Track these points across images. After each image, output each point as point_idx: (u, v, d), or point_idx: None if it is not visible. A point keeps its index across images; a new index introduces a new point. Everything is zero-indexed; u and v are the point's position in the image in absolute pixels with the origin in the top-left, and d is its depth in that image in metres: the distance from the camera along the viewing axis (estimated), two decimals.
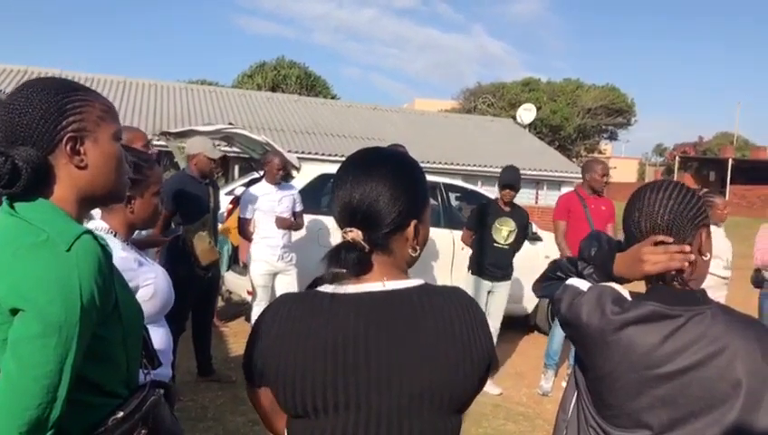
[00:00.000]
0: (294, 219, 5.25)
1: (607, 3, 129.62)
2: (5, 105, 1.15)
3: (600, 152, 38.85)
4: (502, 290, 5.23)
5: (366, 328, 1.09)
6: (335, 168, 1.27)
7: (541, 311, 6.74)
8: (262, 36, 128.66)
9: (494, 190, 5.61)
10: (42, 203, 1.15)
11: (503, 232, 5.11)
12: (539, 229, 6.83)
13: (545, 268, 1.72)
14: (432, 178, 6.67)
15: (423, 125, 21.40)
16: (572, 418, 1.51)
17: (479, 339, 1.14)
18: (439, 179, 6.99)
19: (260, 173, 6.02)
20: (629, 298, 1.39)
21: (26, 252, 1.06)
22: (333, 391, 1.08)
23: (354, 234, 1.13)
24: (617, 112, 36.35)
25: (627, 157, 56.28)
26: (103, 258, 1.13)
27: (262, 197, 5.13)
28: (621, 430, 1.36)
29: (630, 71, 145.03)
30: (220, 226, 5.78)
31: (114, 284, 1.18)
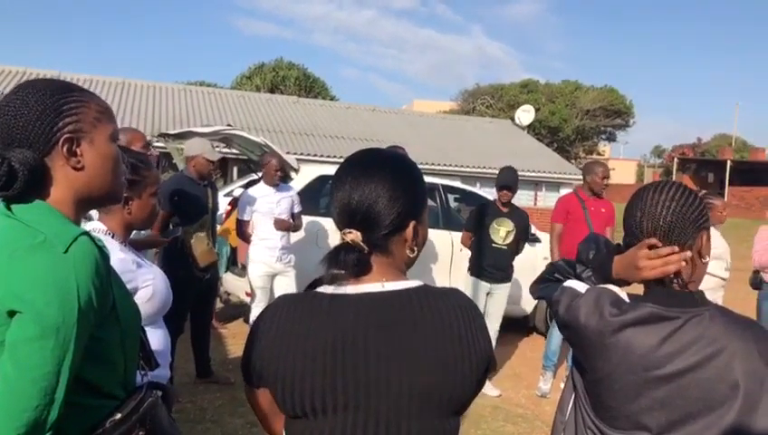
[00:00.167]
0: (293, 221, 5.25)
1: (605, 4, 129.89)
2: (1, 107, 1.15)
3: (599, 154, 38.87)
4: (501, 292, 5.22)
5: (365, 329, 1.09)
6: (334, 169, 1.27)
7: (539, 312, 6.75)
8: (260, 37, 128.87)
9: (493, 192, 5.61)
10: (39, 205, 1.15)
11: (500, 232, 5.11)
12: (537, 231, 6.83)
13: (543, 270, 1.72)
14: (431, 179, 6.68)
15: (422, 126, 21.39)
16: (570, 419, 1.51)
17: (477, 340, 1.14)
18: (438, 181, 7.00)
19: (258, 175, 6.02)
20: (627, 300, 1.39)
21: (23, 254, 1.06)
22: (332, 392, 1.07)
23: (353, 235, 1.13)
24: (615, 114, 36.39)
25: (625, 158, 56.37)
26: (101, 260, 1.13)
27: (260, 198, 5.13)
28: (619, 432, 1.36)
29: (629, 72, 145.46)
30: (219, 227, 5.78)
31: (111, 285, 1.18)
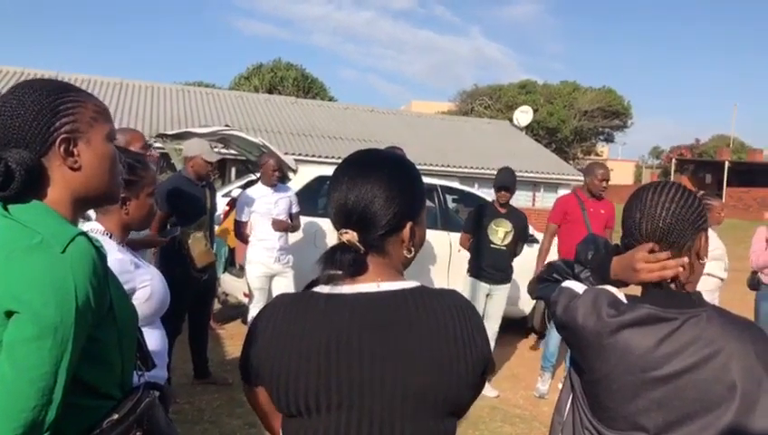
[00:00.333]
0: (291, 221, 5.24)
1: (603, 6, 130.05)
2: None
3: (597, 154, 38.87)
4: (501, 293, 5.22)
5: (359, 329, 1.09)
6: (332, 170, 1.27)
7: (538, 313, 6.75)
8: (259, 38, 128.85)
9: (491, 192, 5.61)
10: (36, 205, 1.15)
11: (498, 233, 5.11)
12: (536, 232, 6.83)
13: (541, 270, 1.72)
14: (429, 179, 6.68)
15: (420, 127, 21.40)
16: (568, 420, 1.51)
17: (474, 341, 1.13)
18: (436, 181, 7.00)
19: (257, 175, 6.02)
20: (625, 301, 1.39)
21: (21, 254, 1.05)
22: (326, 391, 1.08)
23: (349, 235, 1.13)
24: (613, 115, 36.42)
25: (623, 159, 56.42)
26: (98, 260, 1.13)
27: (258, 199, 5.12)
28: (617, 433, 1.36)
29: (627, 73, 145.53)
30: (217, 228, 5.77)
31: (109, 285, 1.17)
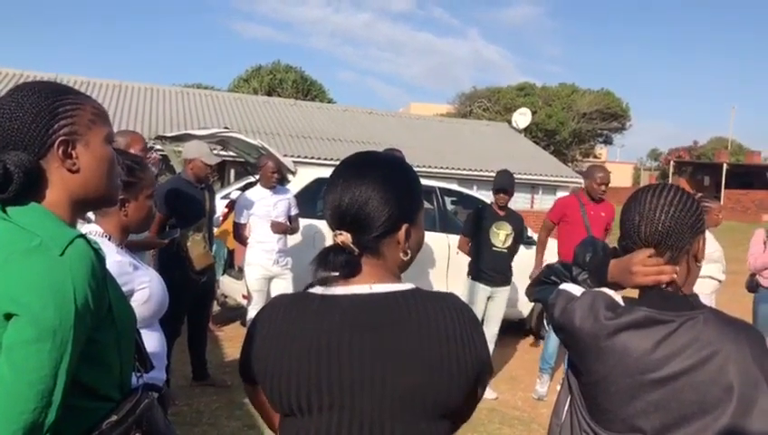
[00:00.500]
0: (290, 223, 5.24)
1: (602, 8, 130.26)
2: None
3: (596, 157, 38.82)
4: (501, 296, 5.22)
5: (350, 330, 1.10)
6: (331, 172, 1.28)
7: (536, 315, 6.75)
8: (258, 40, 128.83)
9: (490, 195, 5.61)
10: (34, 207, 1.15)
11: (500, 236, 5.11)
12: (534, 234, 6.84)
13: (539, 272, 1.73)
14: (427, 182, 6.68)
15: (419, 129, 21.41)
16: (566, 422, 1.51)
17: (470, 345, 1.12)
18: (435, 183, 7.02)
19: (256, 177, 6.02)
20: (622, 304, 1.40)
21: (19, 257, 1.05)
22: (317, 392, 1.09)
23: (343, 237, 1.13)
24: (612, 117, 36.37)
25: (622, 161, 56.33)
26: (96, 262, 1.13)
27: (257, 201, 5.12)
28: None
29: (625, 75, 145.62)
30: (216, 230, 5.77)
31: (107, 287, 1.18)
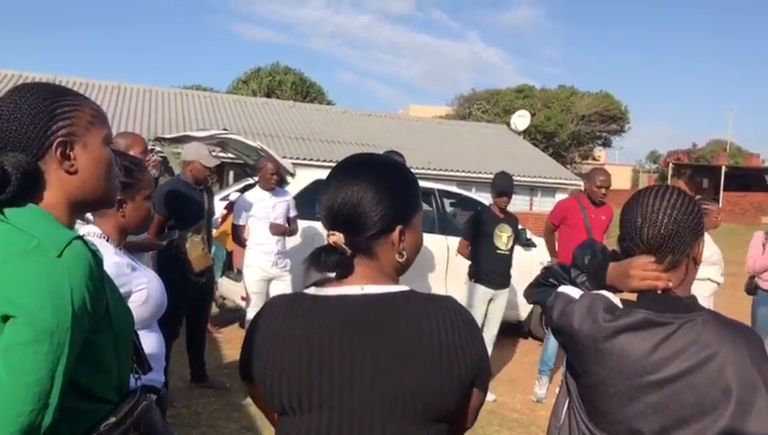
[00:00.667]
0: (289, 225, 5.24)
1: (601, 11, 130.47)
2: None
3: (594, 159, 38.84)
4: (502, 298, 5.23)
5: (341, 331, 1.10)
6: None
7: (535, 317, 6.75)
8: (257, 42, 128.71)
9: (488, 196, 5.61)
10: (32, 209, 1.15)
11: (503, 238, 5.11)
12: (533, 236, 6.84)
13: (538, 274, 1.73)
14: (427, 183, 6.69)
15: (418, 131, 21.43)
16: (564, 424, 1.51)
17: (463, 347, 1.11)
18: (434, 185, 7.01)
19: (254, 179, 6.01)
20: (621, 306, 1.40)
21: (17, 259, 1.05)
22: (308, 392, 1.09)
23: (336, 237, 1.14)
24: (611, 119, 36.40)
25: (621, 163, 56.38)
26: (94, 264, 1.13)
27: (256, 203, 5.12)
28: None
29: (624, 78, 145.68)
30: (215, 231, 5.77)
31: (105, 289, 1.17)
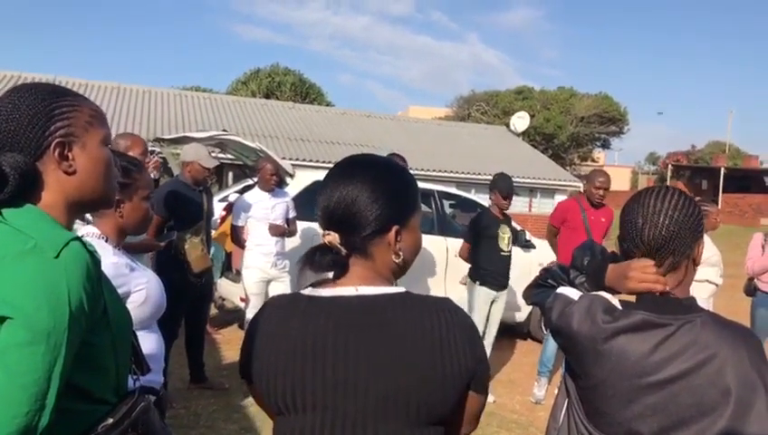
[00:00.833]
0: (288, 226, 5.23)
1: (600, 12, 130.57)
2: None
3: (594, 160, 38.88)
4: (503, 299, 5.23)
5: (335, 331, 1.10)
6: None
7: (534, 319, 6.75)
8: (257, 43, 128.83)
9: (487, 198, 5.61)
10: (30, 209, 1.14)
11: (505, 240, 5.12)
12: (532, 237, 6.84)
13: (536, 275, 1.72)
14: (426, 185, 6.70)
15: (417, 132, 21.43)
16: (563, 425, 1.51)
17: (461, 350, 1.10)
18: (433, 186, 7.02)
19: (254, 180, 6.01)
20: (620, 307, 1.40)
21: (14, 259, 1.05)
22: (301, 392, 1.10)
23: (331, 237, 1.14)
24: (610, 121, 36.41)
25: (620, 165, 56.45)
26: (92, 265, 1.12)
27: (255, 204, 5.11)
28: None
29: (623, 79, 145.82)
30: (214, 232, 5.76)
31: (103, 290, 1.17)
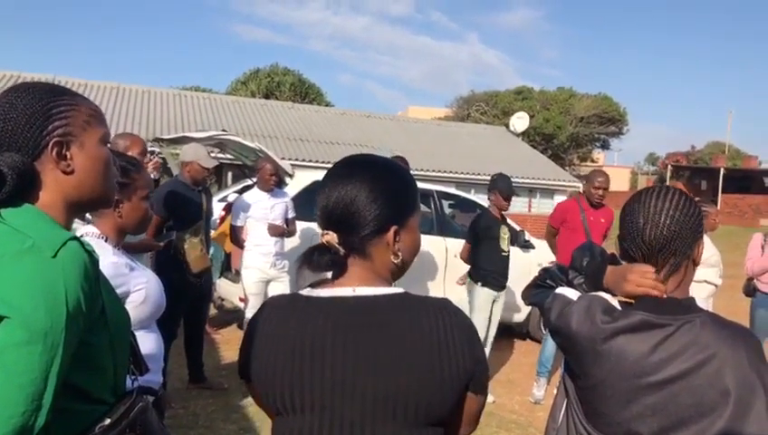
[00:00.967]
0: (287, 226, 5.23)
1: (600, 13, 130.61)
2: None
3: (593, 161, 38.87)
4: (502, 299, 5.24)
5: (333, 332, 1.10)
6: None
7: (533, 319, 6.75)
8: (256, 43, 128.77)
9: (487, 198, 5.61)
10: (28, 209, 1.14)
11: (506, 240, 5.13)
12: (532, 237, 6.84)
13: (535, 275, 1.72)
14: (425, 185, 6.70)
15: (417, 133, 21.43)
16: (562, 425, 1.51)
17: (459, 350, 1.10)
18: (432, 187, 7.02)
19: (253, 180, 6.01)
20: (619, 308, 1.39)
21: (11, 259, 1.05)
22: (300, 393, 1.10)
23: (329, 237, 1.14)
24: (609, 121, 36.41)
25: (619, 165, 56.49)
26: (90, 264, 1.12)
27: (254, 204, 5.11)
28: None
29: (623, 80, 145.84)
30: (213, 232, 5.76)
31: (101, 290, 1.17)
